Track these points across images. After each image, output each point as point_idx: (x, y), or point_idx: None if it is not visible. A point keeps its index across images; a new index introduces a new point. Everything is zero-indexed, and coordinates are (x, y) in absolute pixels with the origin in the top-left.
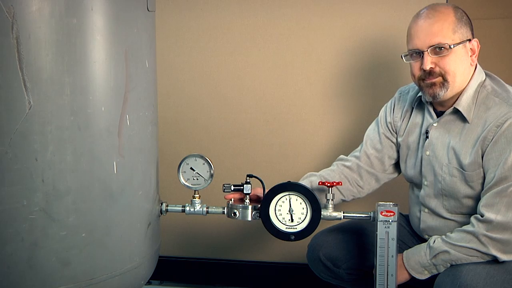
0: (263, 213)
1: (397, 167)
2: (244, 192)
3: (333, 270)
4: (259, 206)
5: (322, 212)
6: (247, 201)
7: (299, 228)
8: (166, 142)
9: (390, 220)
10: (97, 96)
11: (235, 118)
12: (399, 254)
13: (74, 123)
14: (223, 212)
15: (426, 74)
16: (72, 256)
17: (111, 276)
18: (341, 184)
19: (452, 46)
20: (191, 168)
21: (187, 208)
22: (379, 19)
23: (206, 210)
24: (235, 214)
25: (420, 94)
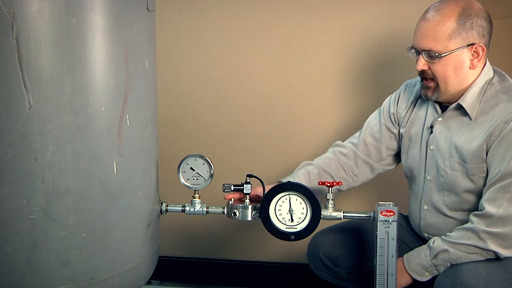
0: (263, 213)
1: (394, 159)
2: (244, 192)
3: (333, 269)
4: (259, 206)
5: (322, 212)
6: (247, 201)
7: (299, 228)
8: (166, 142)
9: (390, 220)
10: (97, 96)
11: (235, 118)
12: (400, 258)
13: (74, 123)
14: (223, 212)
15: (420, 73)
16: (72, 256)
17: (111, 276)
18: (341, 184)
19: (442, 55)
20: (191, 168)
21: (187, 208)
22: (379, 19)
23: (206, 210)
24: (235, 214)
25: None
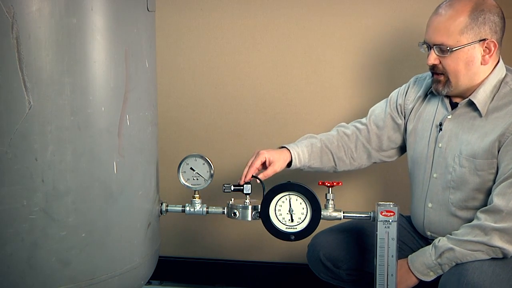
0: (263, 213)
1: (394, 152)
2: (244, 192)
3: (333, 270)
4: (259, 206)
5: (322, 212)
6: (247, 201)
7: (299, 228)
8: (166, 142)
9: (390, 220)
10: (97, 96)
11: (235, 118)
12: (404, 259)
13: (74, 123)
14: (223, 212)
15: (431, 67)
16: (72, 256)
17: (111, 276)
18: (341, 184)
19: (454, 49)
20: (191, 168)
21: (187, 208)
22: (379, 19)
23: (206, 210)
24: (235, 214)
25: None
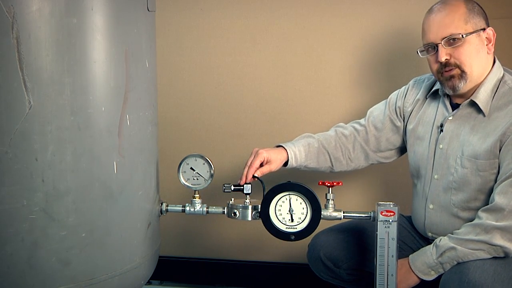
0: (263, 213)
1: (392, 154)
2: (244, 192)
3: (333, 270)
4: (259, 206)
5: (322, 212)
6: (247, 201)
7: (299, 228)
8: (166, 142)
9: (390, 220)
10: (97, 96)
11: (235, 118)
12: (405, 258)
13: (74, 123)
14: (223, 212)
15: (442, 66)
16: (72, 256)
17: (111, 276)
18: (341, 184)
19: (464, 36)
20: (191, 168)
21: (187, 208)
22: (379, 19)
23: (206, 210)
24: (235, 214)
25: (436, 87)
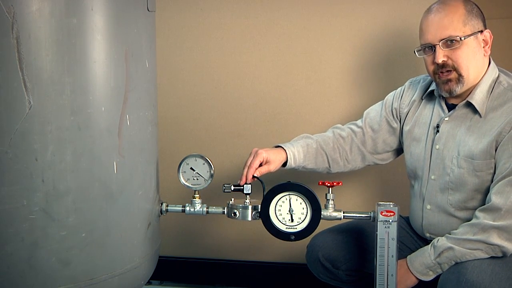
0: (263, 213)
1: (389, 155)
2: (244, 192)
3: (332, 271)
4: (259, 206)
5: (322, 212)
6: (247, 201)
7: (299, 228)
8: (166, 142)
9: (390, 220)
10: (97, 96)
11: (235, 118)
12: (403, 259)
13: (74, 123)
14: (223, 212)
15: (439, 67)
16: (72, 256)
17: (111, 276)
18: (341, 184)
19: (463, 38)
20: (191, 168)
21: (187, 208)
22: (379, 19)
23: (206, 210)
24: (235, 214)
25: (431, 87)
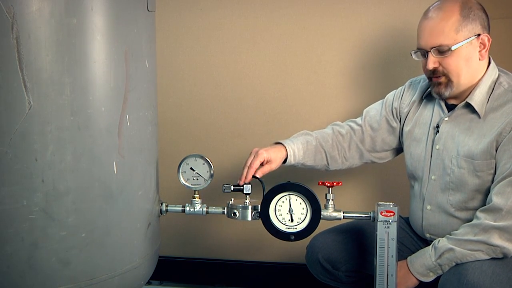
0: (263, 213)
1: (387, 154)
2: (244, 192)
3: (332, 272)
4: (259, 206)
5: (322, 212)
6: (247, 201)
7: (299, 228)
8: (166, 142)
9: (390, 220)
10: (97, 96)
11: (235, 118)
12: (403, 260)
13: (74, 123)
14: (223, 212)
15: (431, 72)
16: (72, 256)
17: (111, 276)
18: (341, 184)
19: (453, 48)
20: (191, 168)
21: (187, 208)
22: (379, 19)
23: (206, 210)
24: (235, 214)
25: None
